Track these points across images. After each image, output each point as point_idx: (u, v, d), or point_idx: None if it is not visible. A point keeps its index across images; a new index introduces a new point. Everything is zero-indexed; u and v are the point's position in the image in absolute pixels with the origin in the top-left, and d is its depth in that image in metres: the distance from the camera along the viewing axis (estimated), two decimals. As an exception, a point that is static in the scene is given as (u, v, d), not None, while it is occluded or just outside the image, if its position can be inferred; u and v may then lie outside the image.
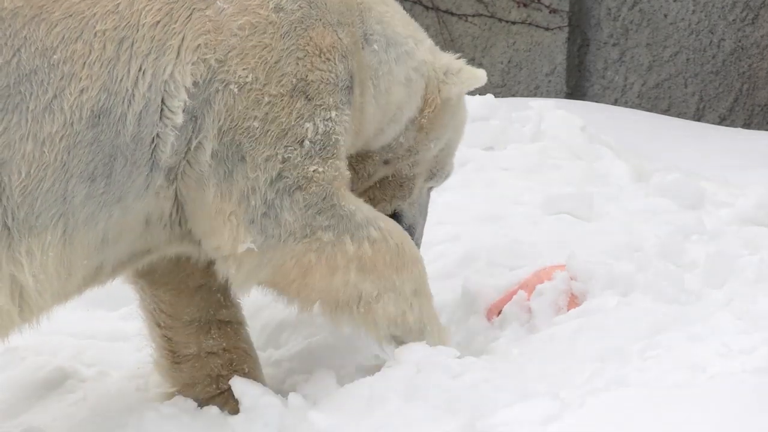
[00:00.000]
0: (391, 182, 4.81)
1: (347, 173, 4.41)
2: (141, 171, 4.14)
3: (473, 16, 11.55)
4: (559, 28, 11.47)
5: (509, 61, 11.61)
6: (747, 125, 11.31)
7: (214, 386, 4.74)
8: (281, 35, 4.27)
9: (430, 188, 4.99)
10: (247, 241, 4.25)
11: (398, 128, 4.69)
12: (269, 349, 5.11)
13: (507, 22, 11.57)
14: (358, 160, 4.69)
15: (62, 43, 4.08)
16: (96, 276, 4.32)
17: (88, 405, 4.89)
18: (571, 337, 4.44)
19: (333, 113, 4.32)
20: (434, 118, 4.75)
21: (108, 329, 5.58)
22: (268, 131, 4.24)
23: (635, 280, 4.77)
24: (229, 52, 4.21)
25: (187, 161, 4.20)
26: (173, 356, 4.78)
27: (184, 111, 4.15)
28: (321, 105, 4.31)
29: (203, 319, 4.74)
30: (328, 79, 4.33)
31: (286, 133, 4.26)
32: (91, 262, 4.21)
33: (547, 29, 11.49)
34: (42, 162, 4.04)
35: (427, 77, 4.72)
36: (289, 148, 4.26)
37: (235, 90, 4.20)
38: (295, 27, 4.30)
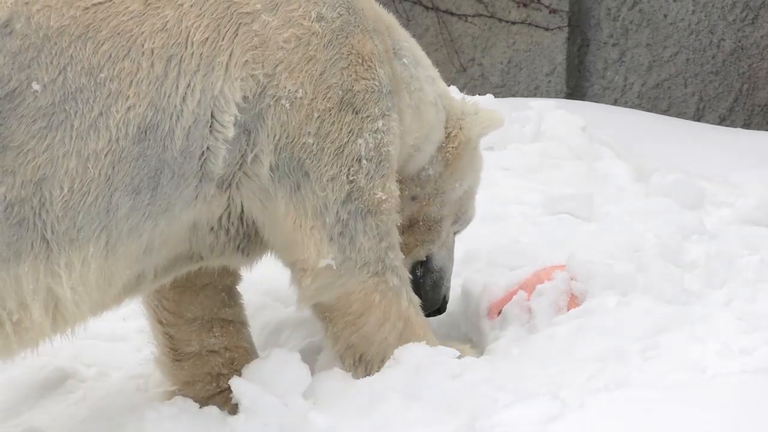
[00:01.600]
0: (421, 226, 4.87)
1: (397, 192, 4.48)
2: (189, 182, 4.16)
3: (473, 16, 11.55)
4: (559, 28, 11.47)
5: (509, 61, 11.61)
6: (747, 125, 11.32)
7: (214, 384, 4.75)
8: (324, 45, 4.31)
9: (455, 233, 5.04)
10: (329, 257, 4.32)
11: (431, 149, 4.78)
12: (269, 349, 5.12)
13: (507, 22, 11.57)
14: None
15: (109, 61, 4.09)
16: (137, 285, 4.35)
17: (88, 405, 4.89)
18: (571, 337, 4.44)
19: (380, 123, 4.39)
20: (458, 155, 4.84)
21: (108, 329, 5.58)
22: (324, 148, 4.29)
23: (635, 280, 4.77)
24: (276, 66, 4.24)
25: (244, 173, 4.25)
26: (174, 354, 4.79)
27: (235, 125, 4.18)
28: (368, 117, 4.36)
29: (206, 317, 4.76)
30: (372, 87, 4.38)
31: (342, 151, 4.32)
32: (132, 271, 4.23)
33: (547, 29, 11.48)
34: (86, 177, 4.05)
35: (447, 111, 4.81)
36: (352, 168, 4.32)
37: (287, 105, 4.24)
38: (337, 35, 4.34)
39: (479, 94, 7.36)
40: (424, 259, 4.92)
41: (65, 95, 4.04)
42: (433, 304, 4.96)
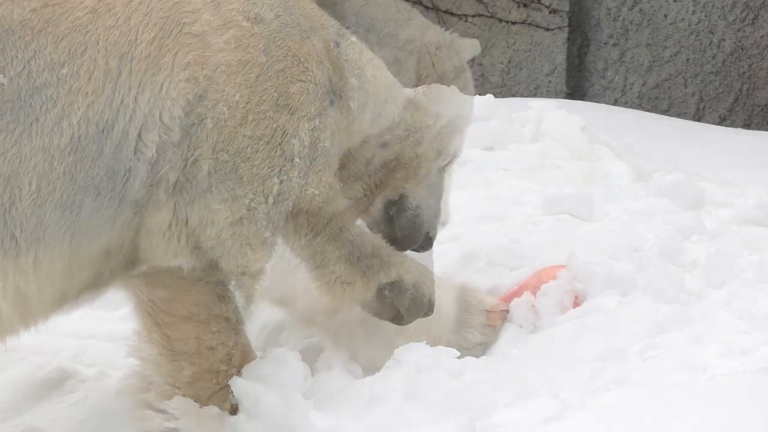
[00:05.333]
0: (396, 166, 4.82)
1: (338, 186, 4.46)
2: (143, 185, 4.19)
3: (473, 16, 11.55)
4: (559, 28, 11.48)
5: (509, 61, 11.61)
6: (747, 125, 11.33)
7: (213, 382, 4.74)
8: (262, 48, 4.31)
9: (441, 168, 4.94)
10: (262, 261, 4.33)
11: (395, 108, 4.72)
12: (269, 348, 5.12)
13: (507, 22, 11.57)
14: (354, 147, 4.72)
15: (69, 57, 4.11)
16: (95, 284, 4.36)
17: (88, 405, 4.89)
18: (571, 337, 4.44)
19: (316, 121, 4.38)
20: (431, 94, 4.76)
21: (108, 329, 5.58)
22: (258, 150, 4.28)
23: (635, 280, 4.77)
24: (216, 68, 4.24)
25: (185, 177, 4.24)
26: (172, 354, 4.78)
27: (179, 128, 4.20)
28: (304, 116, 4.35)
29: (202, 313, 4.76)
30: (307, 89, 4.37)
31: (275, 152, 4.30)
32: (91, 272, 4.26)
33: (547, 29, 11.49)
34: (52, 175, 4.07)
35: (418, 53, 4.75)
36: (284, 168, 4.31)
37: (225, 109, 4.24)
38: (275, 38, 4.34)
39: (479, 94, 7.36)
40: (397, 198, 4.85)
41: (31, 90, 4.06)
42: (410, 242, 4.89)
